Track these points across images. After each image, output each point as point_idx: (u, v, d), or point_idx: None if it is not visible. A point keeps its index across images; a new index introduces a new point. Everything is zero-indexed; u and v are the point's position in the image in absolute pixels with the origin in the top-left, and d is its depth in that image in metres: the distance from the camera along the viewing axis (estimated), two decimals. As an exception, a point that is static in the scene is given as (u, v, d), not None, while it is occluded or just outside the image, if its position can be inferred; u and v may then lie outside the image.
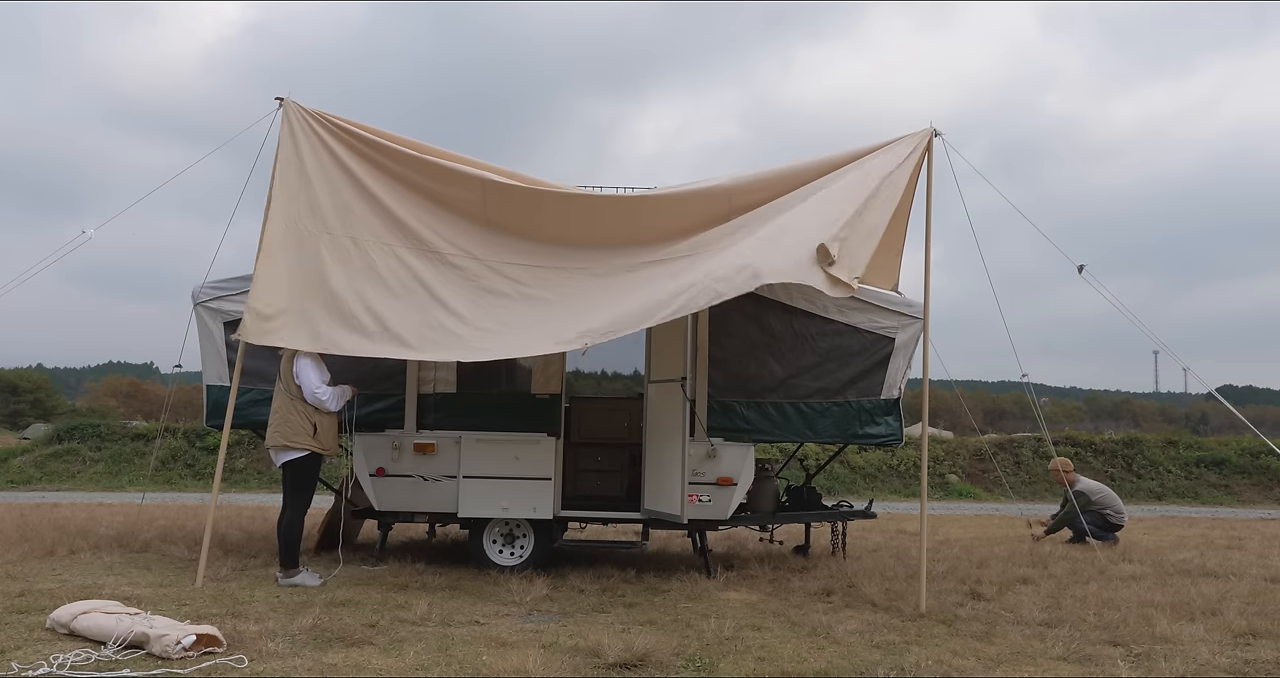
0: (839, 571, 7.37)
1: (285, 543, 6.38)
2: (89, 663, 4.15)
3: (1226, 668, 4.48)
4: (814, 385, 7.36)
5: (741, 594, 6.34)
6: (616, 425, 8.32)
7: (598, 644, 4.60)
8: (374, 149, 6.76)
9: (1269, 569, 7.83)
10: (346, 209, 6.58)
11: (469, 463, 7.14)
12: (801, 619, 5.48)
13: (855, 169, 6.32)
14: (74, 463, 21.65)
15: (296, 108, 6.60)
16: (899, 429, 7.58)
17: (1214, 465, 21.12)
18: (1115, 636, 5.10)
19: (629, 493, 8.06)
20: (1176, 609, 5.79)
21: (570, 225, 6.87)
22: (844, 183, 6.24)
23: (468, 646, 4.65)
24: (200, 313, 7.70)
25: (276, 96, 6.56)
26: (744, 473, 7.12)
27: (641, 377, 7.75)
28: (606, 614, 5.60)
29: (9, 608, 5.32)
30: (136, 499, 14.73)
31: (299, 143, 6.53)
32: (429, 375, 7.36)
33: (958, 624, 5.38)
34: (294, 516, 6.47)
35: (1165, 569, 7.80)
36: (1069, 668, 4.43)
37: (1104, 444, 22.04)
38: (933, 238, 6.23)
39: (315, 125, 6.66)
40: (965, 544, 9.66)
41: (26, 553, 7.58)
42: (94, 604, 4.76)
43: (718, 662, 4.44)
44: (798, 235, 5.93)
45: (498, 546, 7.25)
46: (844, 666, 4.42)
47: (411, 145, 6.81)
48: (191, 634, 4.31)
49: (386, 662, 4.31)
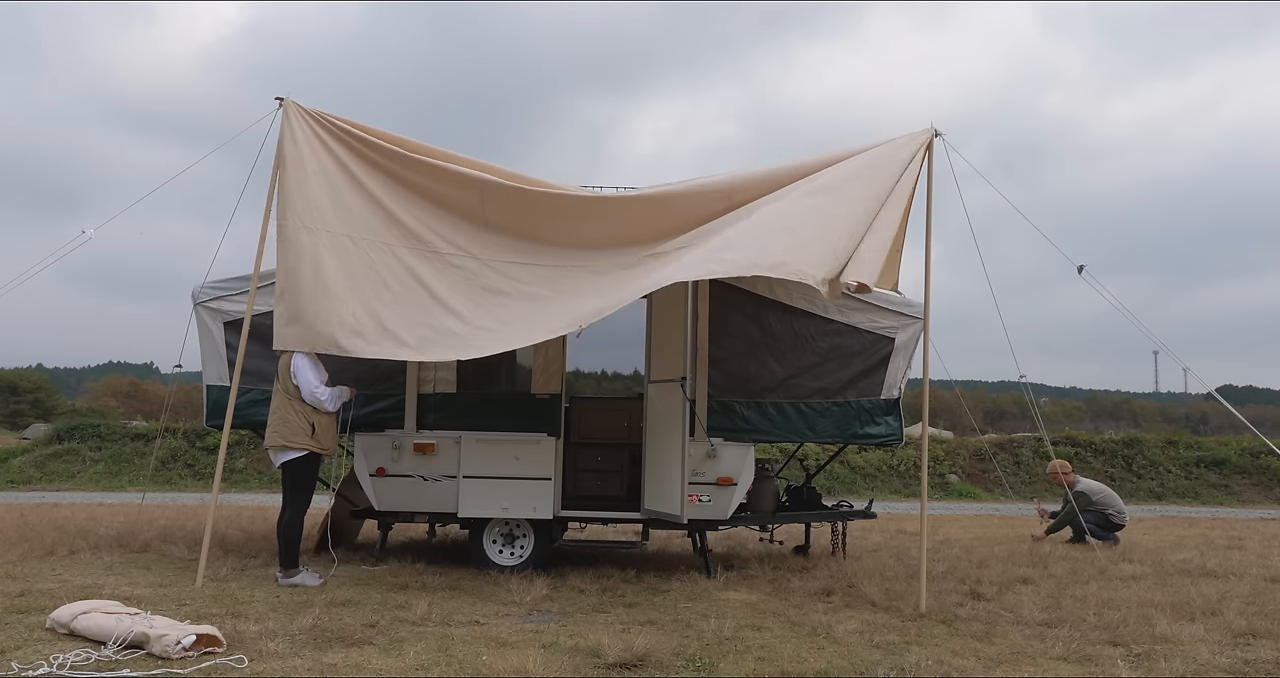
0: (839, 571, 7.37)
1: (285, 543, 6.38)
2: (89, 663, 4.15)
3: (1226, 668, 4.48)
4: (814, 385, 7.36)
5: (741, 594, 6.34)
6: (616, 425, 8.32)
7: (598, 644, 4.60)
8: (373, 149, 6.75)
9: (1269, 569, 7.83)
10: (345, 208, 6.57)
11: (469, 463, 7.14)
12: (801, 619, 5.48)
13: (862, 174, 6.26)
14: (74, 463, 21.66)
15: (296, 108, 6.60)
16: (899, 429, 7.58)
17: (1214, 466, 21.13)
18: (1115, 636, 5.10)
19: (629, 493, 8.06)
20: (1176, 609, 5.79)
21: (569, 226, 6.86)
22: (850, 194, 6.18)
23: (468, 646, 4.65)
24: (200, 313, 7.70)
25: (276, 97, 6.56)
26: (744, 473, 7.12)
27: (641, 377, 7.75)
28: (606, 614, 5.60)
29: (9, 608, 5.32)
30: (136, 499, 14.73)
31: (298, 142, 6.53)
32: (429, 375, 7.35)
33: (958, 624, 5.38)
34: (293, 516, 6.47)
35: (1165, 569, 7.81)
36: (1069, 668, 4.43)
37: (1104, 444, 22.05)
38: (932, 238, 6.23)
39: (315, 125, 6.65)
40: (965, 544, 9.66)
41: (26, 553, 7.58)
42: (94, 604, 4.76)
43: (718, 662, 4.44)
44: (804, 235, 5.91)
45: (498, 546, 7.25)
46: (844, 666, 4.42)
47: (410, 145, 6.80)
48: (191, 635, 4.31)
49: (386, 662, 4.31)
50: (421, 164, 6.76)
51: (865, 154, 6.44)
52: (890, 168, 6.27)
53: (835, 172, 6.38)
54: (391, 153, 6.75)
